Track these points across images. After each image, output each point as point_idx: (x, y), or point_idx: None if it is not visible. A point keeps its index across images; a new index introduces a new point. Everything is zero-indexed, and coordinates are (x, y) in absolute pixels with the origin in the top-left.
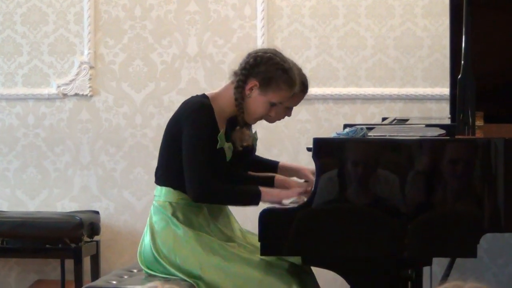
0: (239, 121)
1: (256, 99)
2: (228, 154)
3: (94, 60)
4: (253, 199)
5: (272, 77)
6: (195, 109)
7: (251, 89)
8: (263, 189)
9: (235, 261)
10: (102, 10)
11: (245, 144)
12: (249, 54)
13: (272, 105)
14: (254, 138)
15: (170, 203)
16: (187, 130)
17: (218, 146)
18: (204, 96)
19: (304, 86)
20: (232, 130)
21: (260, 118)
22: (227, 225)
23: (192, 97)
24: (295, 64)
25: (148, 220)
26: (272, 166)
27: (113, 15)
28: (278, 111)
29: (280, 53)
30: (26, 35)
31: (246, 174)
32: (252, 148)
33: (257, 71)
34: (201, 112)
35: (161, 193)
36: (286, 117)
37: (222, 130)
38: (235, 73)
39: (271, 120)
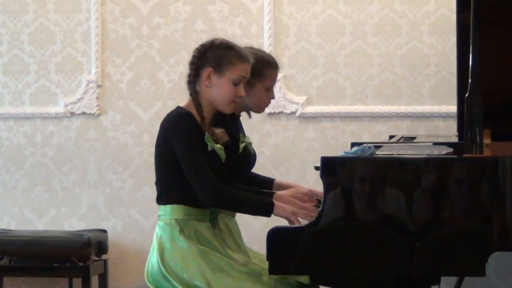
0: (199, 113)
1: (218, 84)
2: (221, 155)
3: (102, 79)
4: (265, 209)
5: (222, 57)
6: (177, 121)
7: (208, 77)
8: (276, 202)
9: (242, 279)
10: (109, 29)
11: (220, 142)
12: (193, 51)
13: (235, 84)
14: (247, 142)
15: (177, 220)
16: (177, 143)
17: (209, 149)
18: (178, 107)
19: (273, 64)
20: (224, 126)
21: (232, 102)
22: (233, 245)
23: (168, 113)
24: (253, 48)
25: (155, 238)
26: (268, 183)
27: (120, 34)
28: (260, 97)
29: (219, 37)
30: (33, 54)
31: (246, 190)
32: (249, 153)
33: (205, 59)
34: (183, 122)
35: (166, 212)
36: (294, 138)
37: (207, 133)
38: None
39: (259, 108)
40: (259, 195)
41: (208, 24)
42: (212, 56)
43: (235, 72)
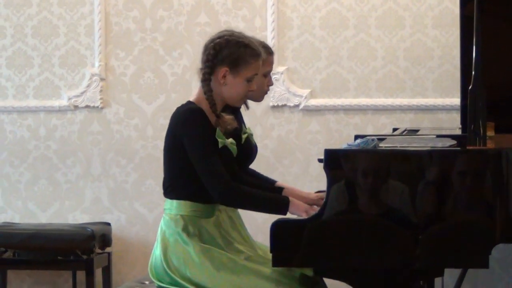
0: (213, 111)
1: (233, 83)
2: (233, 150)
3: (105, 72)
4: (281, 207)
5: (238, 57)
6: (188, 116)
7: (224, 76)
8: (292, 199)
9: (245, 274)
10: (113, 22)
11: (229, 127)
12: (207, 46)
13: (249, 81)
14: (249, 133)
15: (182, 216)
16: (188, 138)
17: (220, 145)
18: (189, 102)
19: (268, 49)
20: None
21: (245, 98)
22: (238, 237)
23: (179, 107)
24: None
25: (159, 233)
26: (269, 184)
27: (123, 27)
28: (258, 83)
29: (234, 31)
30: (37, 47)
31: (257, 184)
32: (251, 145)
33: (221, 57)
34: (194, 117)
35: (172, 206)
36: (298, 130)
37: (218, 129)
38: (200, 69)
39: (258, 97)
40: (273, 193)
41: (212, 17)
42: (229, 55)
43: (250, 71)
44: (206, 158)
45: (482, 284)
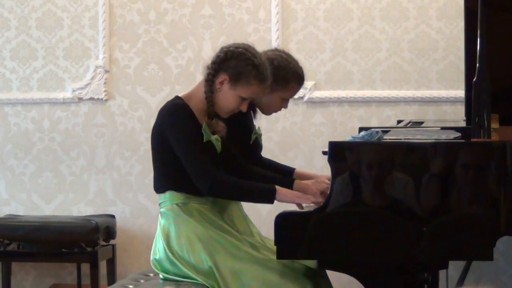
0: (209, 113)
1: (226, 93)
2: (218, 146)
3: (109, 64)
4: (267, 196)
5: (242, 72)
6: (172, 111)
7: (221, 83)
8: (279, 188)
9: (250, 262)
10: (117, 15)
11: (218, 135)
12: (221, 49)
13: (243, 99)
14: (258, 134)
15: (177, 204)
16: (172, 133)
17: (204, 140)
18: (177, 97)
19: (300, 78)
20: (227, 121)
21: (231, 112)
22: (242, 226)
23: (166, 102)
24: (289, 57)
25: (158, 226)
26: (288, 172)
27: (127, 20)
28: (273, 103)
29: (253, 48)
30: (41, 39)
31: (265, 173)
32: (258, 144)
33: (227, 65)
34: (179, 112)
35: (166, 198)
36: (302, 123)
37: (204, 123)
38: (207, 67)
39: (267, 112)
40: (262, 183)
41: (216, 9)
42: (235, 67)
43: (248, 91)
44: (192, 152)
45: (486, 276)
